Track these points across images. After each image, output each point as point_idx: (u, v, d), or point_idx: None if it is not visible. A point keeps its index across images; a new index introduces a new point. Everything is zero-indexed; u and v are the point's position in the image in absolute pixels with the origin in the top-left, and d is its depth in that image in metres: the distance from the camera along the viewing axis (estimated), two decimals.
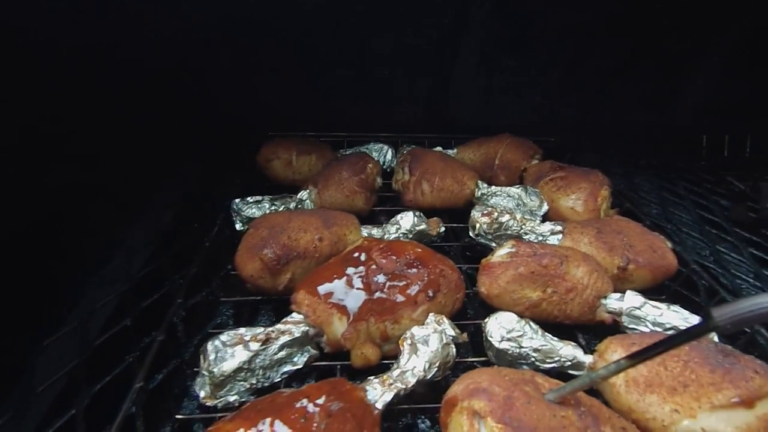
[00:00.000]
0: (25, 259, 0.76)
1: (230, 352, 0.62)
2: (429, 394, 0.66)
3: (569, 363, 0.68)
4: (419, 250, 0.77)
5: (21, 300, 0.74)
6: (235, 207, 1.00)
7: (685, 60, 1.44)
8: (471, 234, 0.97)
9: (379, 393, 0.59)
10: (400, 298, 0.70)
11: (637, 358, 0.47)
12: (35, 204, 0.80)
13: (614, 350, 0.65)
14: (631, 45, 1.40)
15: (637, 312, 0.76)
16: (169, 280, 0.89)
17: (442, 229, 0.99)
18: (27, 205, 0.78)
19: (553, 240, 0.93)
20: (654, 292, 0.88)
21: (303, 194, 1.06)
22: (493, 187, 1.13)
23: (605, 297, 0.79)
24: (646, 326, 0.75)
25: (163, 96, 1.15)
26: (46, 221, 0.83)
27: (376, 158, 1.30)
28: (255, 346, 0.63)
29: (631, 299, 0.77)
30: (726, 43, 1.40)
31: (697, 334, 0.43)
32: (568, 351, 0.68)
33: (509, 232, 0.95)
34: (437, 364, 0.64)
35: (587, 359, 0.68)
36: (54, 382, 0.69)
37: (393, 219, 0.95)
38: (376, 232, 0.93)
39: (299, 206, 1.05)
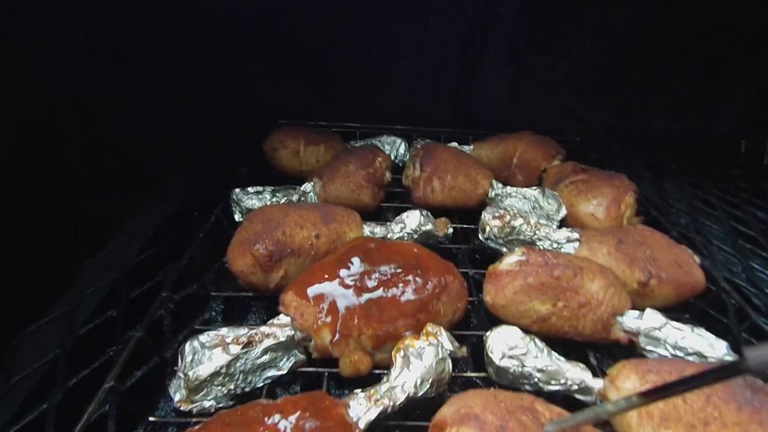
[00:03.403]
0: (22, 242, 0.74)
1: (208, 354, 0.58)
2: (423, 410, 0.62)
3: (576, 387, 0.62)
4: (417, 251, 0.71)
5: (9, 282, 0.72)
6: (234, 197, 0.96)
7: (728, 64, 1.34)
8: (480, 237, 0.91)
9: (363, 409, 0.55)
10: (395, 305, 0.65)
11: (651, 396, 0.41)
12: (35, 184, 0.78)
13: (627, 376, 0.59)
14: (670, 47, 1.31)
15: (657, 333, 0.69)
16: (162, 270, 0.86)
17: (450, 230, 0.93)
18: (26, 184, 0.76)
19: (569, 248, 0.86)
20: (677, 309, 0.81)
21: (307, 186, 1.02)
22: (509, 187, 1.06)
23: (622, 314, 0.72)
24: (666, 349, 0.69)
25: (176, 83, 1.12)
26: (46, 204, 0.81)
27: (387, 152, 1.25)
28: (235, 349, 0.59)
29: (651, 319, 0.70)
30: None
31: (726, 377, 0.37)
32: (575, 374, 0.62)
33: (521, 237, 0.89)
34: (430, 381, 0.59)
35: (596, 384, 0.61)
36: (33, 371, 0.67)
37: (398, 217, 0.90)
38: (379, 230, 0.88)
39: (302, 199, 1.01)
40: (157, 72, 1.05)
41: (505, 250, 0.90)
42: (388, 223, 0.90)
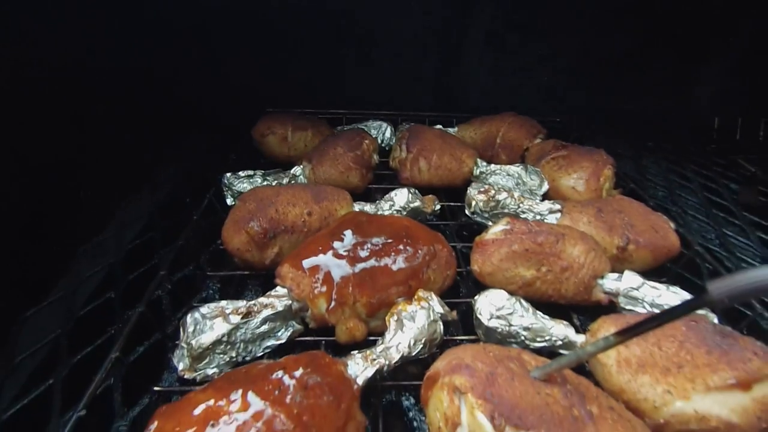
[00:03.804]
0: (17, 229, 0.75)
1: (209, 324, 0.61)
2: (416, 372, 0.65)
3: (560, 342, 0.66)
4: (407, 223, 0.74)
5: (9, 269, 0.73)
6: (226, 181, 0.98)
7: (703, 45, 1.39)
8: (467, 212, 0.94)
9: (360, 368, 0.58)
10: (387, 273, 0.68)
11: (627, 334, 0.45)
12: (31, 172, 0.79)
13: (607, 330, 0.63)
14: (647, 29, 1.35)
15: (635, 293, 0.73)
16: (157, 253, 0.87)
17: (438, 206, 0.96)
18: (21, 172, 0.77)
19: (552, 219, 0.90)
20: (655, 273, 0.86)
21: (296, 170, 1.04)
22: (492, 165, 1.10)
23: (602, 277, 0.76)
24: (644, 307, 0.73)
25: (166, 75, 1.14)
26: (41, 192, 0.82)
27: (374, 135, 1.27)
28: (235, 319, 0.62)
29: (629, 279, 0.74)
30: (748, 29, 1.35)
31: (691, 309, 0.41)
32: (559, 330, 0.66)
33: (506, 210, 0.92)
34: (423, 341, 0.62)
35: (579, 339, 0.65)
36: (35, 352, 0.68)
37: (387, 195, 0.93)
38: (369, 208, 0.91)
39: (292, 182, 1.03)
40: (149, 64, 1.07)
41: (491, 224, 0.93)
42: (378, 201, 0.92)
